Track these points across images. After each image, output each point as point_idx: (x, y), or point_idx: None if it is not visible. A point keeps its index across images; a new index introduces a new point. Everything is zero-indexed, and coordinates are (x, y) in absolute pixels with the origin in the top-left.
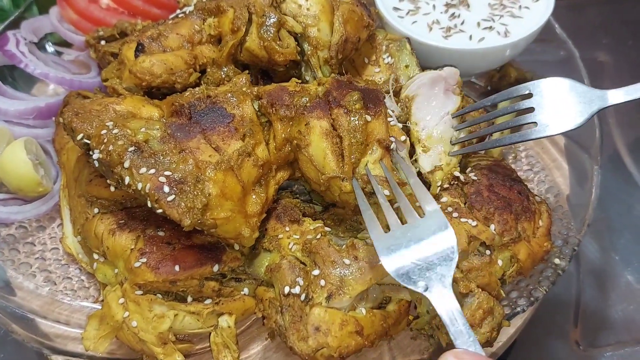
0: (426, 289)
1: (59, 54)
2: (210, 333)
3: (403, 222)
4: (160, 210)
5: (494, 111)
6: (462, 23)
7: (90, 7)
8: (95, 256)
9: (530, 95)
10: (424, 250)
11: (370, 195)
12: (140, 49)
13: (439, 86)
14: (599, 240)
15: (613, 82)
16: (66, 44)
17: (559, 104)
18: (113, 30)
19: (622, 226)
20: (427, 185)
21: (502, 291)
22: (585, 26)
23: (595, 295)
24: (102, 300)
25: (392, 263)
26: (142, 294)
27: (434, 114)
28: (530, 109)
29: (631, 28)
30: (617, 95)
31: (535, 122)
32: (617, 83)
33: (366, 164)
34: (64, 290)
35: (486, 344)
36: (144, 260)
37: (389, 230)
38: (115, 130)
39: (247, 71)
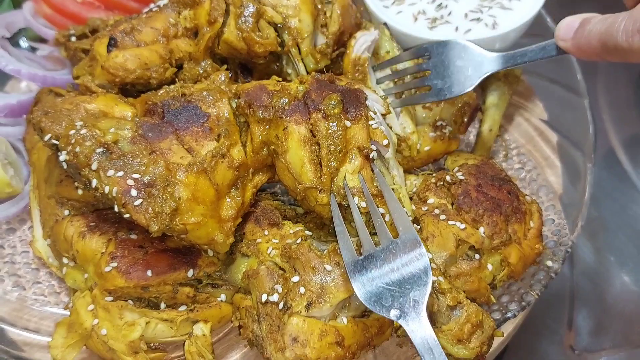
0: (400, 317)
1: (33, 49)
2: (184, 341)
3: (378, 243)
4: (127, 215)
5: (397, 70)
6: (449, 14)
7: (65, 1)
8: (65, 260)
9: (429, 57)
10: (397, 274)
11: (347, 208)
12: (112, 44)
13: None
14: (593, 240)
15: (608, 79)
16: (41, 40)
17: (452, 69)
18: (85, 28)
19: (616, 226)
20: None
21: (492, 296)
22: None
23: (590, 298)
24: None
25: (363, 288)
26: (112, 301)
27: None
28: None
29: None
30: (503, 60)
31: (429, 86)
32: (611, 79)
33: (345, 175)
34: (33, 296)
35: (477, 359)
36: (115, 264)
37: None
38: (84, 131)
39: (225, 66)
